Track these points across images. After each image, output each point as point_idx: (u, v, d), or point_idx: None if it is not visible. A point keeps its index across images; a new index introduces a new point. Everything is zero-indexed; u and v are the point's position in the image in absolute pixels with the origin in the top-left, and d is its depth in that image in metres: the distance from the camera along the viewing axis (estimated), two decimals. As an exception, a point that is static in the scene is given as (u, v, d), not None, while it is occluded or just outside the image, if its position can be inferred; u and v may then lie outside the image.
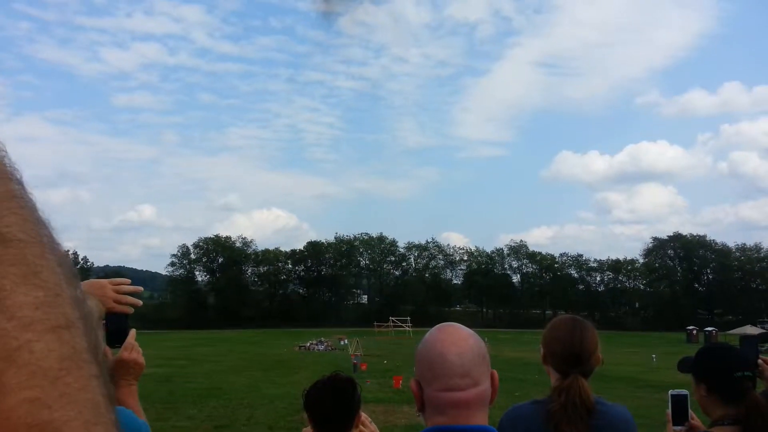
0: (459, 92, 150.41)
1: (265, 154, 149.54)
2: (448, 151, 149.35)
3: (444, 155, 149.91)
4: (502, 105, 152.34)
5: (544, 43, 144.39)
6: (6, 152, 0.52)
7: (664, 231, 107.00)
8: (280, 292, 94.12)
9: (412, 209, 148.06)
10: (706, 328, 58.10)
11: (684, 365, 2.34)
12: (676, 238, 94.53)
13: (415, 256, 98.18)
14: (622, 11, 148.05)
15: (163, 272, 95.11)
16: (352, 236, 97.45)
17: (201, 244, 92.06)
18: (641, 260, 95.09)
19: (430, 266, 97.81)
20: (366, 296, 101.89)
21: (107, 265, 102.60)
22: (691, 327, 61.32)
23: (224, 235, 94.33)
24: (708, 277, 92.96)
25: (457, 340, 1.30)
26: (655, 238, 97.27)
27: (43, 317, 0.44)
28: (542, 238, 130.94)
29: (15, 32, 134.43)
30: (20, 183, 0.52)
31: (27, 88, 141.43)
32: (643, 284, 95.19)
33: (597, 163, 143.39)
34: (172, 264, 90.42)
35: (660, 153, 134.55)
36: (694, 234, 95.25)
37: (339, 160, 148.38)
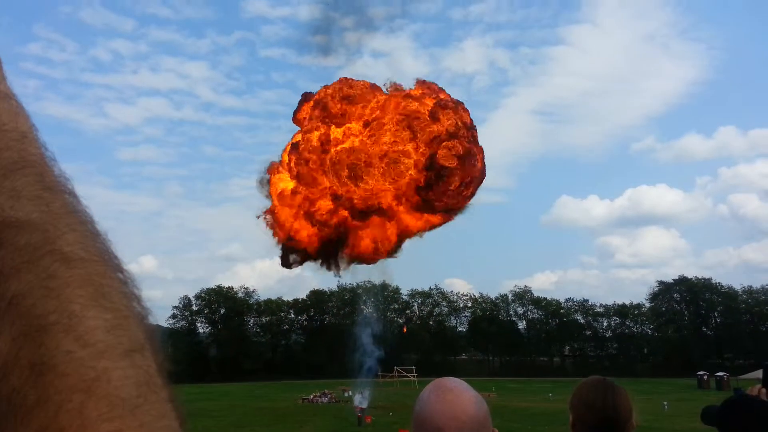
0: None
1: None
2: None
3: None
4: (500, 152, 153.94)
5: (540, 92, 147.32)
6: (56, 161, 0.52)
7: (669, 274, 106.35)
8: (283, 342, 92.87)
9: (414, 255, 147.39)
10: (717, 373, 56.89)
11: (708, 417, 2.21)
12: (682, 282, 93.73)
13: (418, 303, 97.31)
14: (614, 62, 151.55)
15: (164, 325, 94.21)
16: (355, 284, 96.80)
17: (203, 295, 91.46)
18: (647, 304, 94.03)
19: (434, 313, 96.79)
20: (369, 346, 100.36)
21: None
22: (701, 372, 60.08)
23: (226, 286, 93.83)
24: (716, 321, 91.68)
25: (458, 413, 1.21)
26: (660, 282, 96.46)
27: (116, 342, 0.43)
28: (546, 283, 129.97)
29: (23, 90, 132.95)
30: (74, 194, 0.52)
31: None
32: (650, 329, 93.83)
33: (597, 207, 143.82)
34: (174, 316, 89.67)
35: (660, 196, 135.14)
36: (700, 277, 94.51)
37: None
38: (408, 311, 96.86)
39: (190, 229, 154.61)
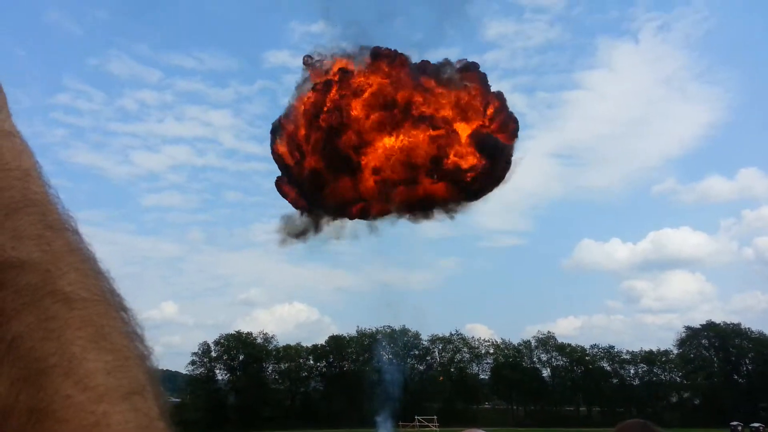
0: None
1: (287, 248, 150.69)
2: (468, 241, 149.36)
3: (465, 245, 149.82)
4: (520, 195, 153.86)
5: (558, 135, 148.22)
6: (60, 199, 0.52)
7: (696, 319, 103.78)
8: (301, 390, 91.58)
9: (434, 300, 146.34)
10: (752, 424, 54.62)
11: None
12: (710, 327, 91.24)
13: (439, 349, 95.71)
14: (631, 105, 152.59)
15: (183, 371, 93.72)
16: (374, 329, 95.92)
17: (222, 341, 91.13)
18: (675, 351, 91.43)
19: (456, 360, 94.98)
20: (389, 393, 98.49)
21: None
22: (735, 423, 57.74)
23: (245, 331, 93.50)
24: (747, 368, 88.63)
25: None
26: (687, 327, 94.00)
27: (116, 384, 0.43)
28: (570, 329, 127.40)
29: (51, 139, 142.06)
30: (77, 233, 0.52)
31: (60, 191, 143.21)
32: (679, 376, 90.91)
33: (620, 251, 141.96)
34: (193, 363, 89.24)
35: (683, 239, 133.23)
36: (728, 322, 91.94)
37: (360, 252, 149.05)
38: (429, 357, 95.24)
39: (211, 275, 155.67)
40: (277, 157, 24.76)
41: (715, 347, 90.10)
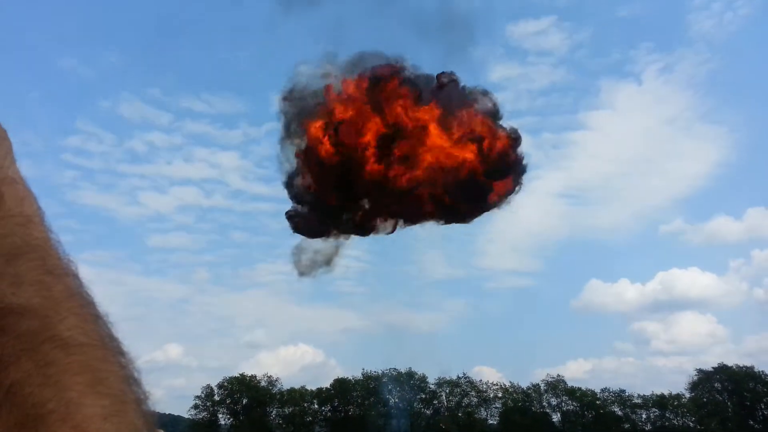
0: (483, 224, 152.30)
1: (292, 288, 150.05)
2: (475, 282, 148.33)
3: (471, 286, 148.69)
4: (526, 235, 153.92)
5: (564, 175, 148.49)
6: (60, 244, 0.53)
7: (708, 362, 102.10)
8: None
9: (441, 342, 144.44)
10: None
11: None
12: (722, 370, 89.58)
13: (446, 392, 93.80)
14: (636, 145, 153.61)
15: (186, 415, 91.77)
16: (380, 371, 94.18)
17: (225, 384, 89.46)
18: (687, 395, 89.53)
19: (463, 404, 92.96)
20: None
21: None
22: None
23: (249, 374, 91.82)
24: (763, 413, 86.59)
25: None
26: (699, 371, 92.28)
27: (113, 429, 0.43)
28: (580, 372, 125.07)
29: (61, 180, 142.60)
30: (77, 277, 0.53)
31: (68, 232, 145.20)
32: (692, 421, 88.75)
33: (629, 291, 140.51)
34: (195, 407, 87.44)
35: (693, 280, 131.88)
36: (741, 365, 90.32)
37: (366, 293, 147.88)
38: (435, 401, 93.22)
39: (216, 316, 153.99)
40: (294, 187, 24.63)
41: (728, 391, 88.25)
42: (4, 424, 0.43)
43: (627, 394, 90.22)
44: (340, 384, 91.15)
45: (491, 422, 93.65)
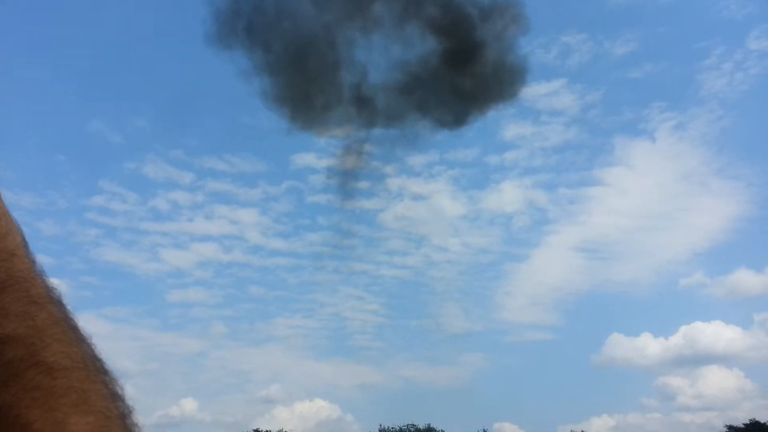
0: (500, 277, 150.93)
1: (309, 342, 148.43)
2: (494, 336, 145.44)
3: (490, 340, 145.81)
4: (545, 289, 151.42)
5: (581, 230, 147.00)
6: (44, 272, 0.57)
7: (738, 418, 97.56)
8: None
9: (460, 397, 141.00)
10: None
11: None
12: (754, 427, 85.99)
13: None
14: (652, 200, 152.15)
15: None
16: (397, 428, 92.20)
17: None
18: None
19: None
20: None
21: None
22: None
23: (264, 430, 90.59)
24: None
25: None
26: (729, 427, 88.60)
27: None
28: (605, 429, 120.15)
29: (84, 238, 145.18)
30: (60, 303, 0.56)
31: (88, 288, 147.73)
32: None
33: (652, 346, 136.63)
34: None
35: (717, 334, 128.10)
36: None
37: (383, 347, 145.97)
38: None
39: (232, 370, 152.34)
40: None
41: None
42: None
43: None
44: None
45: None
